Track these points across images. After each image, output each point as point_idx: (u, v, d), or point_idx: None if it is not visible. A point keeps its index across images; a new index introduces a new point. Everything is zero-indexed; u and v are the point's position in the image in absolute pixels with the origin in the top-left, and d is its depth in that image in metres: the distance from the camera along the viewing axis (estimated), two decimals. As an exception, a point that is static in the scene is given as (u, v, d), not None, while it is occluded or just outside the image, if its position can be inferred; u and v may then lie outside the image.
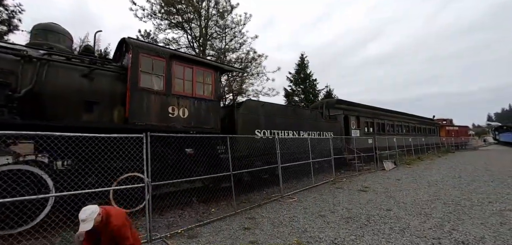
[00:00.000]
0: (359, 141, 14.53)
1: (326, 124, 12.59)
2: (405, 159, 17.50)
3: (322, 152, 10.87)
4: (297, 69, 27.92)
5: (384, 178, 10.52)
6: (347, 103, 16.67)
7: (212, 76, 7.68)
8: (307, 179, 9.63)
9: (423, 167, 14.02)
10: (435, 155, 23.04)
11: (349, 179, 10.48)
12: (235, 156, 8.03)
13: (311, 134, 11.29)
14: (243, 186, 8.34)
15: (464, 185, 8.43)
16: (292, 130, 10.28)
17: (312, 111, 11.77)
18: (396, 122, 21.30)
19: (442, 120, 37.33)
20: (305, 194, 8.03)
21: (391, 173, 12.18)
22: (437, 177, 10.43)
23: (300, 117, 10.84)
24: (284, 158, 9.06)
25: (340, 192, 8.02)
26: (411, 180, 9.83)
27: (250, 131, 8.54)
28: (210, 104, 7.48)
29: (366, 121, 17.10)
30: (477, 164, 14.61)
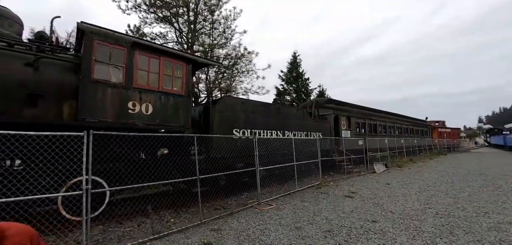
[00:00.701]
0: (349, 142, 13.91)
1: (314, 124, 11.91)
2: (397, 161, 16.97)
3: (309, 153, 10.19)
4: (290, 67, 27.26)
5: (373, 182, 9.89)
6: (338, 102, 16.05)
7: (183, 69, 6.90)
8: (291, 183, 8.92)
9: (414, 170, 13.47)
10: (428, 157, 22.64)
11: (336, 183, 9.82)
12: (211, 158, 7.30)
13: (297, 134, 10.60)
14: (219, 190, 7.58)
15: (457, 191, 7.83)
16: (276, 130, 9.56)
17: (298, 110, 11.08)
18: (388, 123, 20.80)
19: (435, 122, 37.18)
20: (286, 200, 7.31)
21: (382, 176, 11.57)
22: (429, 181, 9.84)
23: (285, 116, 10.13)
24: (266, 160, 8.36)
25: (324, 198, 7.33)
26: (401, 185, 9.21)
27: (227, 131, 7.79)
28: (179, 100, 6.70)
29: (357, 122, 16.51)
30: (470, 167, 14.13)
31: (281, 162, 8.79)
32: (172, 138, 6.06)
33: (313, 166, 10.80)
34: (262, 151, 8.55)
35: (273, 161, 8.48)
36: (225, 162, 7.45)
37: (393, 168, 14.64)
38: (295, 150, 9.47)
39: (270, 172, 9.34)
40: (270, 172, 9.15)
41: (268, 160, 8.60)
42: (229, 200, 7.58)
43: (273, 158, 8.54)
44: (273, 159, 8.44)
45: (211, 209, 6.77)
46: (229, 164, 7.58)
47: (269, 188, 8.81)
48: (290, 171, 9.52)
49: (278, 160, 8.82)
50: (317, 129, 12.02)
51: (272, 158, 8.41)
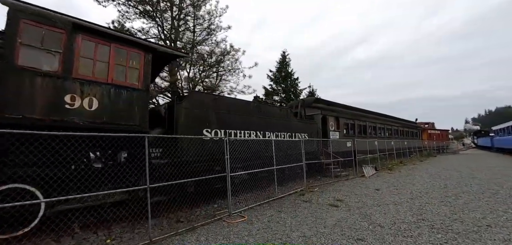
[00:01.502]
0: (337, 144, 13.14)
1: (299, 124, 11.06)
2: (387, 163, 16.34)
3: (294, 156, 9.33)
4: (278, 67, 26.45)
5: (362, 187, 9.09)
6: (326, 102, 15.30)
7: (140, 59, 5.90)
8: (270, 190, 8.01)
9: (405, 173, 12.80)
10: (418, 159, 22.20)
11: (321, 189, 8.97)
12: (177, 162, 6.31)
13: (280, 135, 9.72)
14: (187, 199, 6.58)
15: (453, 199, 7.09)
16: (256, 131, 8.64)
17: (282, 109, 10.20)
18: (378, 125, 20.23)
19: (424, 124, 37.13)
20: (261, 210, 6.39)
21: (371, 180, 10.81)
22: (421, 186, 9.11)
23: (267, 116, 9.23)
24: (244, 164, 7.44)
25: (306, 208, 6.44)
26: (392, 190, 8.43)
27: (196, 131, 6.82)
28: (135, 95, 5.69)
29: (346, 123, 15.79)
30: (462, 170, 13.58)
31: (261, 166, 7.89)
32: (122, 139, 5.04)
33: (298, 170, 9.95)
34: (238, 154, 7.62)
35: (252, 165, 7.57)
36: (194, 167, 6.47)
37: (383, 171, 13.95)
38: (278, 152, 8.60)
39: (251, 177, 8.44)
40: (251, 177, 8.24)
41: (245, 164, 7.68)
42: (198, 210, 6.61)
43: (252, 162, 7.63)
44: (251, 162, 7.53)
45: (173, 221, 5.80)
46: (199, 168, 6.62)
47: (247, 195, 7.88)
48: (272, 176, 8.63)
49: (257, 164, 7.92)
50: (303, 130, 11.18)
51: (250, 162, 7.49)
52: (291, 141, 9.62)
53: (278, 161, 8.69)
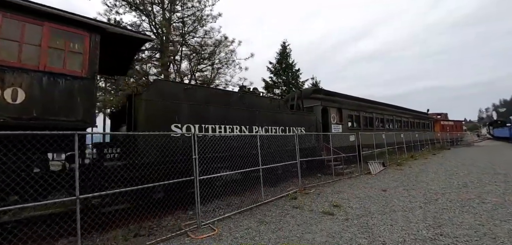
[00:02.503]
0: (338, 139, 11.88)
1: (294, 117, 9.87)
2: (396, 158, 14.95)
3: (288, 153, 8.19)
4: (279, 58, 25.13)
5: (366, 188, 7.87)
6: (327, 92, 14.01)
7: (85, 41, 4.84)
8: (255, 194, 6.90)
9: (417, 169, 11.45)
10: (430, 152, 20.63)
11: (318, 190, 7.79)
12: (137, 163, 5.29)
13: (271, 129, 8.57)
14: (153, 207, 5.56)
15: (477, 203, 5.81)
16: (240, 125, 7.52)
17: (273, 100, 9.04)
18: (386, 116, 18.75)
19: (436, 115, 35.15)
20: (239, 220, 5.29)
21: (378, 178, 9.55)
22: (436, 185, 7.82)
23: (254, 107, 8.08)
24: (224, 163, 6.39)
25: (294, 217, 5.31)
26: (401, 191, 7.19)
27: (162, 126, 5.76)
28: (77, 84, 4.65)
29: (350, 115, 14.46)
30: (481, 165, 12.11)
31: (245, 166, 6.80)
32: (57, 138, 4.01)
33: (294, 169, 8.81)
34: (217, 153, 6.55)
35: (235, 165, 6.49)
36: (160, 169, 5.43)
37: (391, 166, 12.62)
38: (267, 149, 7.51)
39: (236, 179, 7.37)
40: (236, 179, 7.18)
41: (228, 164, 6.61)
42: (168, 219, 5.58)
43: (236, 161, 6.56)
44: (235, 162, 6.46)
45: (131, 234, 4.79)
46: (168, 171, 5.57)
47: (232, 200, 6.81)
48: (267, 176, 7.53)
49: (242, 164, 6.83)
50: (299, 123, 9.99)
51: (234, 161, 6.42)
52: (282, 136, 8.46)
53: (267, 160, 7.58)
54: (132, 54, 6.96)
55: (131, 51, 6.66)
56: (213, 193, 6.51)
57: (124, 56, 6.76)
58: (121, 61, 7.04)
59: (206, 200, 6.49)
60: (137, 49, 6.97)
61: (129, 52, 6.64)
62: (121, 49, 6.18)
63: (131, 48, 6.35)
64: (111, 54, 6.29)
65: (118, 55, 6.51)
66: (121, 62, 7.15)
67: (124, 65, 7.45)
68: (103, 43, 5.16)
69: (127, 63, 7.59)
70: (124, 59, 6.97)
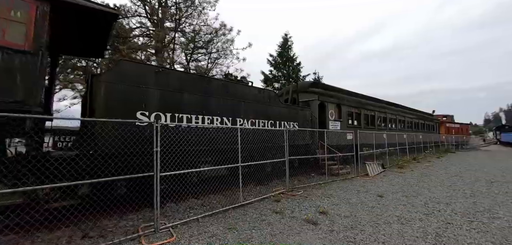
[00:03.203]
0: (335, 136, 11.05)
1: (286, 110, 9.05)
2: (397, 160, 14.08)
3: (277, 150, 7.42)
4: (280, 51, 24.17)
5: (360, 192, 7.07)
6: (325, 87, 13.12)
7: (30, 10, 4.07)
8: (232, 195, 6.16)
9: (419, 173, 10.60)
10: (434, 155, 19.68)
11: (308, 192, 7.01)
12: (94, 154, 4.58)
13: (258, 123, 7.78)
14: (112, 204, 4.85)
15: (488, 218, 4.98)
16: (222, 116, 6.74)
17: (262, 91, 8.21)
18: (389, 115, 17.81)
19: (442, 117, 33.97)
20: (207, 224, 4.54)
21: (375, 181, 8.74)
22: (439, 193, 6.99)
23: (239, 98, 7.28)
24: (198, 158, 5.66)
25: (271, 224, 4.54)
26: (399, 198, 6.38)
27: (125, 113, 5.00)
28: (17, 59, 3.89)
29: (350, 111, 13.58)
30: (489, 171, 11.20)
31: (225, 162, 6.06)
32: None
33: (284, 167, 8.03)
34: (192, 146, 5.80)
35: (214, 160, 5.75)
36: (120, 162, 4.70)
37: (391, 169, 11.77)
38: (253, 145, 6.75)
39: (215, 176, 6.67)
40: (215, 176, 6.48)
41: (204, 159, 5.88)
42: (127, 219, 4.87)
43: (214, 157, 5.80)
44: (214, 157, 5.71)
45: (79, 235, 4.09)
46: (131, 163, 4.85)
47: (206, 199, 6.09)
48: (256, 173, 6.79)
49: (221, 159, 6.10)
50: (291, 117, 9.17)
51: (212, 157, 5.68)
52: (270, 130, 7.65)
53: (252, 156, 6.82)
54: (103, 33, 6.15)
55: (101, 29, 5.85)
56: (188, 191, 5.80)
57: (94, 35, 5.97)
58: (93, 41, 6.25)
59: (180, 198, 5.78)
60: (108, 27, 6.15)
61: (98, 30, 5.84)
62: (88, 26, 5.41)
63: (99, 25, 5.55)
64: (78, 32, 5.55)
65: (86, 33, 5.74)
66: (93, 42, 6.37)
67: (98, 45, 6.67)
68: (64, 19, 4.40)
69: (102, 44, 6.81)
70: (96, 38, 6.19)
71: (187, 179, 6.13)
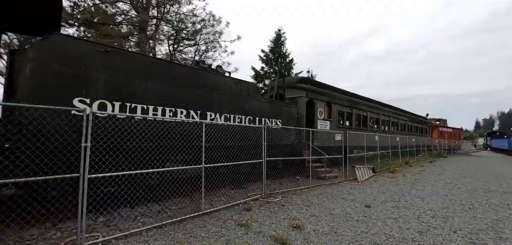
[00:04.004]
0: (324, 137, 10.23)
1: (268, 106, 8.16)
2: (389, 164, 13.36)
3: (256, 149, 6.52)
4: (272, 47, 23.27)
5: (345, 200, 6.24)
6: (315, 83, 12.30)
7: None
8: (208, 198, 5.25)
9: (411, 179, 9.85)
10: (426, 159, 19.10)
11: (286, 199, 6.14)
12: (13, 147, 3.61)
13: (234, 118, 6.87)
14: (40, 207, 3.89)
15: (493, 239, 4.19)
16: (188, 109, 5.80)
17: (240, 83, 7.28)
18: (382, 117, 17.11)
19: (435, 120, 33.61)
20: (153, 238, 3.62)
21: (364, 187, 7.93)
22: (435, 204, 6.20)
23: (212, 89, 6.35)
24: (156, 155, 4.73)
25: (229, 242, 3.65)
26: (390, 208, 5.56)
27: (56, 99, 4.02)
28: None
29: (341, 111, 12.78)
30: (485, 179, 10.54)
31: (189, 162, 5.15)
32: None
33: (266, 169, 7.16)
34: (145, 143, 4.88)
35: (183, 159, 4.82)
36: (51, 159, 3.73)
37: (382, 173, 11.02)
38: (223, 141, 5.87)
39: (183, 177, 5.76)
40: (183, 176, 5.57)
41: (164, 157, 4.96)
42: (60, 229, 3.92)
43: (177, 155, 4.88)
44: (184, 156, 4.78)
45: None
46: (66, 160, 3.90)
47: (164, 205, 5.16)
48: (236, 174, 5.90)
49: (185, 159, 5.20)
50: (274, 114, 8.28)
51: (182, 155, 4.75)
52: (246, 127, 6.73)
53: (225, 156, 5.91)
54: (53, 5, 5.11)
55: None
56: (147, 194, 4.88)
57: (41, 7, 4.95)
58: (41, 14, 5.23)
59: (138, 203, 4.85)
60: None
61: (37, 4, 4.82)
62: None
63: None
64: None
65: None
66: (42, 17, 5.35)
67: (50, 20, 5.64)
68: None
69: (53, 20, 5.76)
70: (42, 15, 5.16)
71: (145, 181, 5.20)
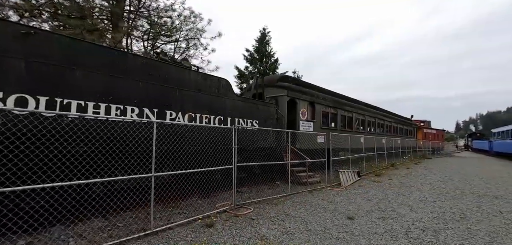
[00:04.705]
0: (307, 139, 9.54)
1: (243, 105, 7.36)
2: (375, 167, 12.87)
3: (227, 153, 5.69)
4: (257, 46, 22.57)
5: (326, 211, 5.51)
6: (298, 82, 11.64)
7: None
8: (160, 214, 4.36)
9: (398, 183, 9.31)
10: (412, 161, 18.90)
11: (258, 210, 5.35)
12: None
13: (201, 118, 6.02)
14: None
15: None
16: (140, 106, 4.91)
17: (209, 78, 6.45)
18: (367, 118, 16.71)
19: (420, 122, 33.97)
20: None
21: (348, 194, 7.27)
22: (423, 213, 5.58)
23: (168, 83, 5.46)
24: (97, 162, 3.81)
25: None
26: (375, 220, 4.88)
27: None
28: None
29: (325, 111, 12.17)
30: (472, 182, 10.17)
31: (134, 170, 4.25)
32: None
33: (242, 174, 6.34)
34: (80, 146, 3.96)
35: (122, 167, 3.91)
36: None
37: (368, 177, 10.45)
38: (191, 145, 5.01)
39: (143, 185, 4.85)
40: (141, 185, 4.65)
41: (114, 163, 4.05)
42: None
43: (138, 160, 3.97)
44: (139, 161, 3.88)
45: None
46: None
47: (113, 220, 4.24)
48: (194, 182, 5.01)
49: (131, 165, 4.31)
50: (250, 114, 7.50)
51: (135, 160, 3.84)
52: (211, 128, 5.90)
53: (187, 161, 5.05)
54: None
55: None
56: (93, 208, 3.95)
57: None
58: None
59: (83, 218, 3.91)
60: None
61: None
62: None
63: None
64: None
65: None
66: None
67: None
68: None
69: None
70: None
71: (86, 193, 4.25)
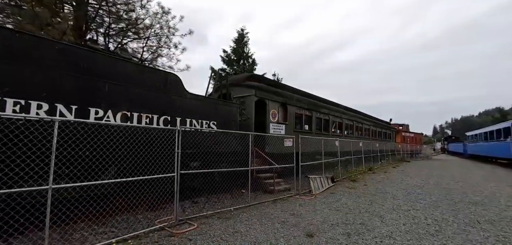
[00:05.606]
0: (276, 143, 8.80)
1: (197, 104, 6.48)
2: (351, 171, 12.36)
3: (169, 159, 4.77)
4: (234, 47, 21.81)
5: (284, 225, 4.73)
6: (268, 81, 10.93)
7: None
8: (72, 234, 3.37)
9: (373, 189, 8.75)
10: (390, 164, 18.74)
11: (202, 226, 4.46)
12: None
13: (138, 118, 5.08)
14: None
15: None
16: (50, 102, 3.92)
17: (154, 72, 5.54)
18: (345, 120, 16.31)
19: (399, 125, 34.48)
20: None
21: (315, 204, 6.55)
22: (395, 225, 4.94)
23: (94, 75, 4.51)
24: None
25: None
26: (337, 239, 4.14)
27: None
28: None
29: (299, 113, 11.52)
30: (448, 186, 9.84)
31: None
32: None
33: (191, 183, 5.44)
34: None
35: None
36: None
37: (342, 182, 9.85)
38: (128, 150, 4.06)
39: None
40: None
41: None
42: None
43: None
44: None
45: None
46: None
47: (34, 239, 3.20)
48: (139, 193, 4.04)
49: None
50: (205, 114, 6.63)
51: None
52: (152, 129, 4.99)
53: (120, 170, 4.10)
54: None
55: None
56: None
57: None
58: None
59: None
60: None
61: None
62: None
63: None
64: None
65: None
66: None
67: None
68: None
69: None
70: None
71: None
